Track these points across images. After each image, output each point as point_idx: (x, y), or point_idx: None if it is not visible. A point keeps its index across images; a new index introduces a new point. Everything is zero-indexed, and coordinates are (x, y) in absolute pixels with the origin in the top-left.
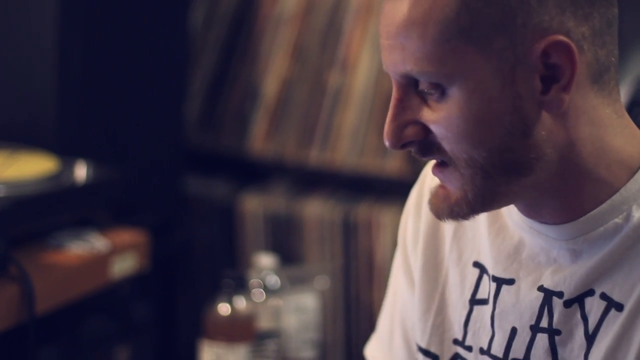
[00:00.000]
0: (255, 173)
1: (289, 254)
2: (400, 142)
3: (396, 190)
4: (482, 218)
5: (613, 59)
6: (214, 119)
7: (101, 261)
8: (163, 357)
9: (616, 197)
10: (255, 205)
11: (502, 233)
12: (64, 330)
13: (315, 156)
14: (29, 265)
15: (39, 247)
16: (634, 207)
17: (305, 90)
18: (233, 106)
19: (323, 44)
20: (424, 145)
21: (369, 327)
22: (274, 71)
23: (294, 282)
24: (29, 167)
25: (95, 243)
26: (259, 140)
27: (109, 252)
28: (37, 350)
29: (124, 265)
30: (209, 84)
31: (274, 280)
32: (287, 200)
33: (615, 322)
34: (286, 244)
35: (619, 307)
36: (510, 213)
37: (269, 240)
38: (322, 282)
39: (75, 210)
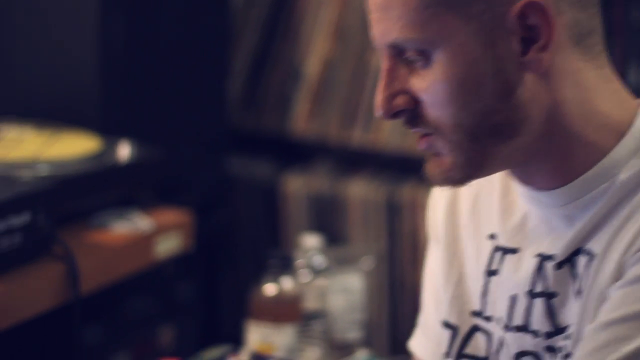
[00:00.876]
0: (298, 153)
1: (332, 234)
2: (391, 111)
3: None
4: (496, 192)
5: (596, 23)
6: (256, 99)
7: (145, 241)
8: (207, 337)
9: (605, 161)
10: (298, 186)
11: (512, 206)
12: (109, 309)
13: (358, 136)
14: (74, 244)
15: (83, 226)
16: (623, 170)
17: (347, 70)
18: (275, 86)
19: (365, 24)
20: (413, 115)
21: (413, 308)
22: (316, 51)
23: (340, 262)
24: (72, 146)
25: (139, 223)
26: (302, 120)
27: (153, 232)
28: (82, 329)
29: (168, 245)
30: (251, 63)
31: (319, 260)
32: (330, 181)
33: (590, 272)
34: (330, 224)
35: (594, 258)
36: (518, 186)
37: (312, 221)
38: (368, 262)
39: (119, 189)
